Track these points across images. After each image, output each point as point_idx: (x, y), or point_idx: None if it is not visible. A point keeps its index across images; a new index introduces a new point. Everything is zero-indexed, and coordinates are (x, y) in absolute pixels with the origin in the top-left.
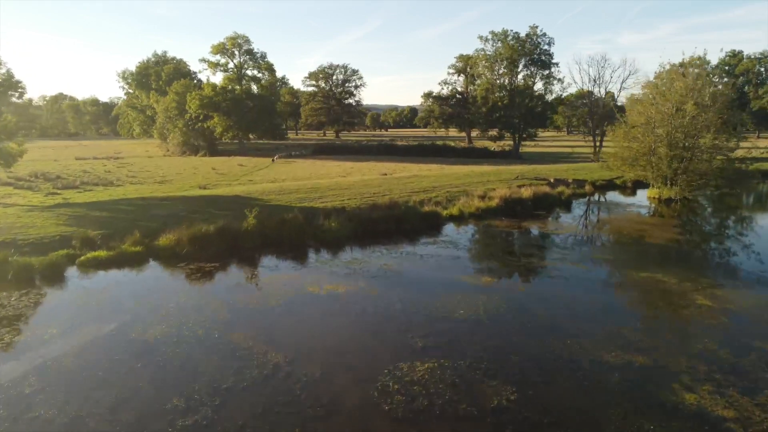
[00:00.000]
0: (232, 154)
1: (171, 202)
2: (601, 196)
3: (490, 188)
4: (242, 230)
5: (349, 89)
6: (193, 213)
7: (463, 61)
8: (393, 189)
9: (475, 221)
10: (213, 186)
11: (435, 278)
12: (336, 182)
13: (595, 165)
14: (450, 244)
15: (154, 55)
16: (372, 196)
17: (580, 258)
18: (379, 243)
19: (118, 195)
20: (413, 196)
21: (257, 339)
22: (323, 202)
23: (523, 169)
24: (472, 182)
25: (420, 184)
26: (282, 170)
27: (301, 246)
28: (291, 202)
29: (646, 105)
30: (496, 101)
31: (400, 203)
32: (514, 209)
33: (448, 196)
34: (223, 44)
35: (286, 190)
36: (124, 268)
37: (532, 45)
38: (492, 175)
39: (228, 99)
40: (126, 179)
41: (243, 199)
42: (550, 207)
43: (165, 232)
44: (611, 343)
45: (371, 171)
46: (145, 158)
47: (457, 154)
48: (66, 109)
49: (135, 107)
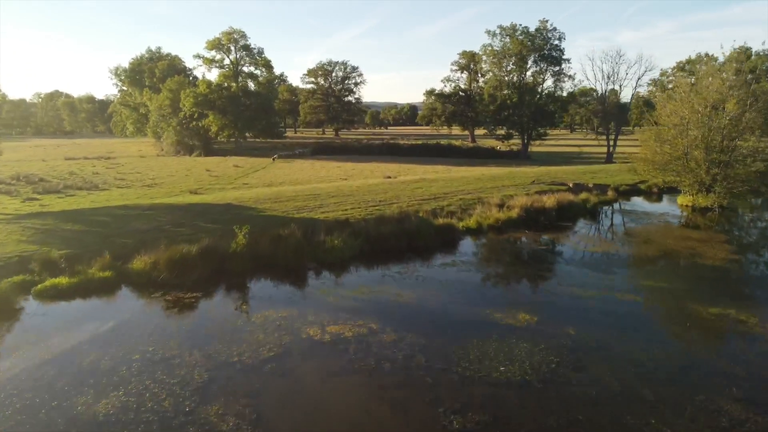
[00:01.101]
0: (227, 154)
1: (155, 212)
2: (626, 202)
3: (506, 195)
4: (230, 251)
5: (349, 86)
6: (177, 226)
7: (467, 58)
8: (400, 196)
9: (495, 234)
10: (205, 190)
11: (461, 315)
12: (337, 187)
13: (613, 167)
14: (472, 266)
15: (147, 52)
16: (378, 205)
17: (629, 286)
18: (390, 264)
19: (100, 201)
20: (423, 204)
21: (240, 417)
22: (324, 212)
23: (537, 171)
24: (486, 188)
25: (429, 189)
26: (279, 172)
27: (299, 269)
28: (288, 211)
29: (678, 104)
30: (505, 99)
31: (410, 214)
32: (537, 220)
33: (462, 205)
34: (219, 39)
35: (282, 197)
36: (90, 297)
37: (542, 40)
38: (506, 179)
39: (223, 97)
40: (113, 182)
41: (235, 209)
42: (575, 217)
43: (141, 252)
44: (710, 423)
45: (374, 173)
46: (137, 158)
47: (462, 154)
48: (61, 106)
49: (128, 105)
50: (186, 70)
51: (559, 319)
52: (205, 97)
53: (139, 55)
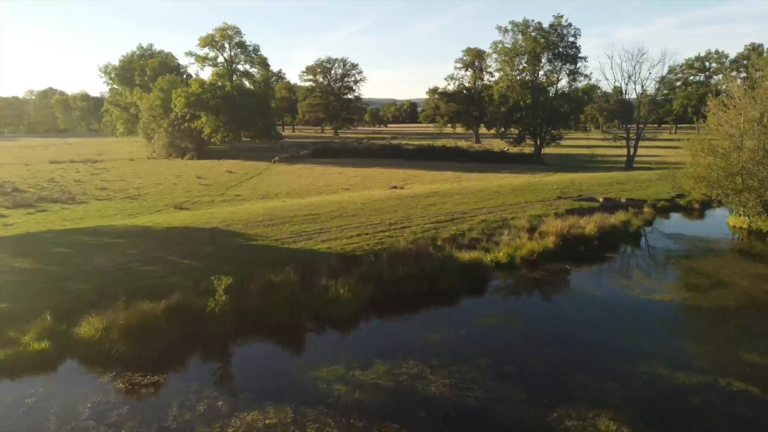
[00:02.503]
0: (222, 156)
1: (127, 240)
2: (665, 220)
3: (533, 214)
4: (207, 310)
5: (348, 84)
6: (149, 262)
7: (472, 55)
8: (412, 216)
9: (530, 270)
10: (192, 204)
11: (512, 416)
12: (339, 204)
13: (639, 175)
14: (515, 322)
15: (138, 48)
16: (388, 230)
17: (736, 367)
18: (410, 320)
19: (72, 220)
20: (441, 229)
21: None
22: (326, 239)
23: (559, 181)
24: (507, 204)
25: (444, 207)
26: (276, 180)
27: (294, 329)
28: (283, 239)
29: (732, 114)
30: (518, 100)
31: (427, 245)
32: (576, 249)
33: (486, 229)
34: (212, 36)
35: (277, 218)
36: (20, 378)
37: (556, 36)
38: (527, 193)
39: (217, 96)
40: (94, 193)
41: (221, 236)
42: (617, 243)
43: (96, 306)
44: None
45: (378, 181)
46: (126, 161)
47: (470, 157)
48: (55, 104)
49: (118, 105)
50: (179, 68)
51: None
52: (197, 97)
53: (130, 52)
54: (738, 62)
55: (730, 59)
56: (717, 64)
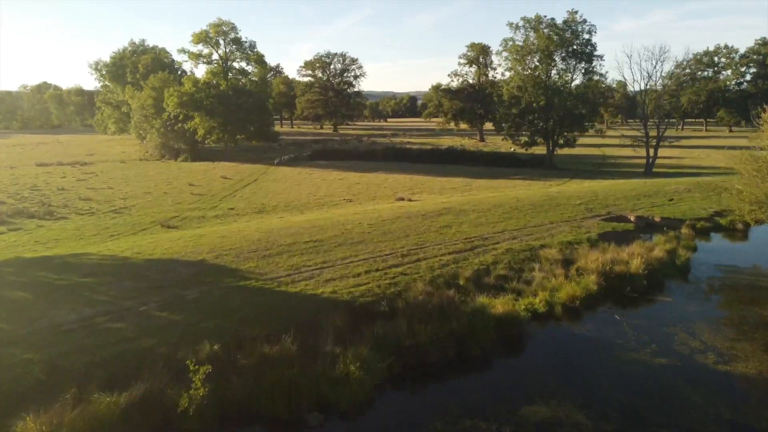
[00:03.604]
0: (217, 158)
1: (99, 279)
2: (706, 243)
3: (563, 240)
4: (180, 408)
5: (348, 79)
6: (118, 317)
7: (476, 50)
8: (426, 242)
9: (573, 322)
10: (181, 220)
11: None
12: (344, 224)
13: (665, 185)
14: (567, 410)
15: (130, 44)
16: (401, 263)
17: None
18: (436, 403)
19: (46, 242)
20: (462, 262)
21: None
22: (330, 278)
23: (578, 192)
24: (530, 225)
25: (460, 228)
26: (273, 188)
27: (293, 422)
28: (280, 278)
29: None
30: (530, 101)
31: (450, 292)
32: (621, 290)
33: (513, 262)
34: (206, 32)
35: (274, 245)
36: None
37: (571, 34)
38: (549, 209)
39: (211, 96)
40: (76, 205)
41: (207, 273)
42: (665, 281)
43: (40, 395)
44: None
45: (383, 190)
46: (117, 164)
47: (478, 160)
48: (49, 99)
49: (110, 103)
50: (173, 64)
51: None
52: (190, 97)
53: (122, 48)
54: (747, 57)
55: (740, 54)
56: (726, 59)
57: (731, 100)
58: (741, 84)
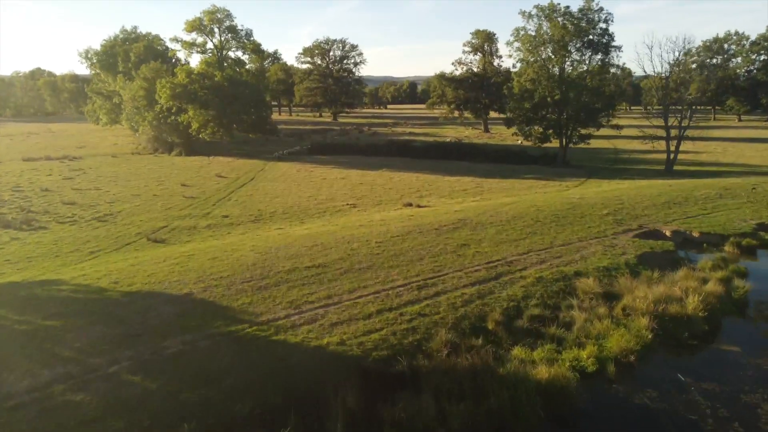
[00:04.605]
0: (213, 152)
1: (64, 322)
2: (753, 262)
3: (598, 266)
4: None
5: (348, 66)
6: (78, 387)
7: (481, 38)
8: (443, 267)
9: (629, 385)
10: (170, 231)
11: None
12: (349, 242)
13: (694, 188)
14: None
15: (122, 31)
16: (417, 298)
17: None
18: None
19: (16, 261)
20: (487, 297)
21: None
22: (336, 320)
23: (600, 197)
24: (557, 244)
25: (479, 248)
26: (271, 190)
27: None
28: (277, 321)
29: None
30: (544, 96)
31: (483, 356)
32: (678, 335)
33: (545, 295)
34: (200, 20)
35: (271, 272)
36: None
37: (587, 23)
38: (574, 221)
39: (206, 87)
40: (58, 211)
41: (194, 314)
42: (724, 321)
43: None
44: None
45: (389, 193)
46: (107, 158)
47: (487, 156)
48: (42, 86)
49: (101, 93)
50: (167, 53)
51: None
52: (184, 89)
53: (113, 36)
54: (759, 44)
55: (751, 41)
56: (736, 46)
57: (741, 89)
58: (751, 71)
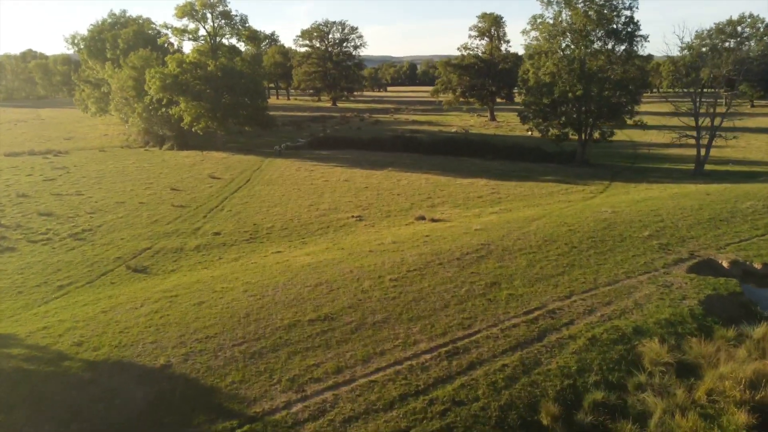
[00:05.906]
0: (207, 146)
1: (1, 420)
2: None
3: (660, 318)
4: None
5: (348, 50)
6: None
7: (488, 22)
8: (473, 319)
9: None
10: (153, 256)
11: None
12: (359, 280)
13: (739, 203)
14: None
15: (110, 16)
16: (447, 373)
17: None
18: None
19: None
20: (534, 372)
21: None
22: (348, 411)
23: (637, 211)
24: (601, 282)
25: (512, 288)
26: (268, 197)
27: None
28: (273, 413)
29: None
30: (565, 90)
31: None
32: None
33: (604, 366)
34: (192, 4)
35: (267, 329)
36: None
37: (610, 10)
38: (614, 245)
39: (198, 77)
40: (31, 225)
41: (169, 398)
42: None
43: None
44: None
45: (398, 201)
46: (95, 152)
47: (499, 153)
48: (34, 68)
49: (89, 81)
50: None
51: None
52: (175, 79)
53: (101, 20)
54: None
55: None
56: (751, 29)
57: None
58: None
